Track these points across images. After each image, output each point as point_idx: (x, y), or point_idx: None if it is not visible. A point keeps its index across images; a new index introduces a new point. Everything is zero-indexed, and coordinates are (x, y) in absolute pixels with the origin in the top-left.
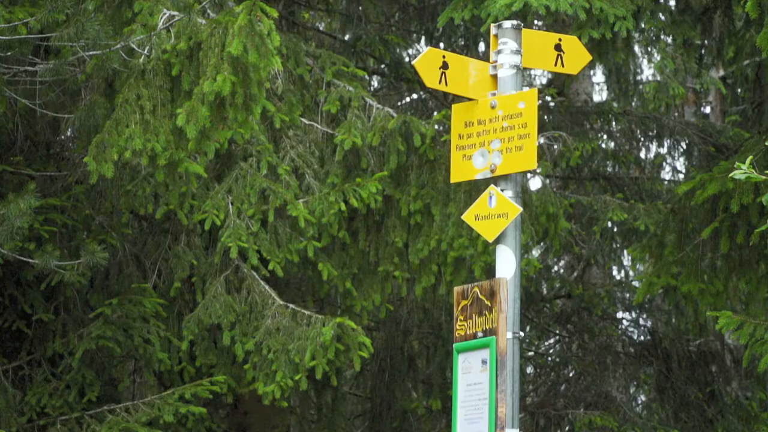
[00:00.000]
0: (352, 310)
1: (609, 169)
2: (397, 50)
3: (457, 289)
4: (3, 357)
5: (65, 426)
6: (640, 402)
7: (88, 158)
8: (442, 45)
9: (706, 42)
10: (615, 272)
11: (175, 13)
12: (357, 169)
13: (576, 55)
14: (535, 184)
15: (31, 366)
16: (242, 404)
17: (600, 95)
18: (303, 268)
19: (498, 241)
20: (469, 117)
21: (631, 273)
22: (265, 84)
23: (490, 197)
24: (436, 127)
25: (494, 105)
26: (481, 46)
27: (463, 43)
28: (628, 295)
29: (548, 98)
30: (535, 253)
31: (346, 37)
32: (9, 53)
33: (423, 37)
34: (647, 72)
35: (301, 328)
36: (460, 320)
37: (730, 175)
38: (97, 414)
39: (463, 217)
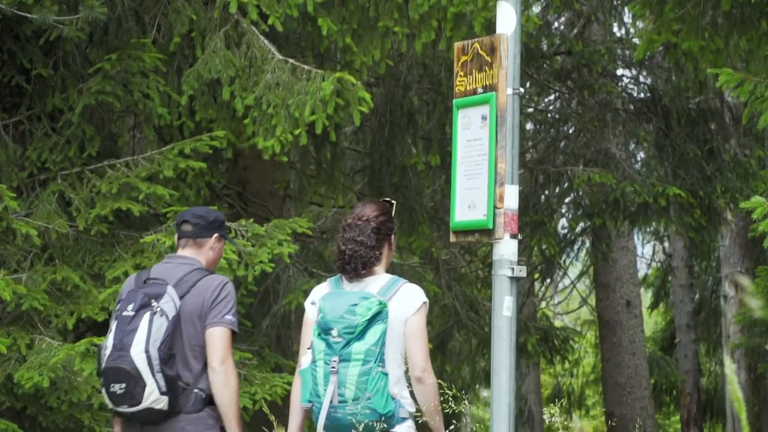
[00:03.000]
0: (351, 66)
1: None
2: None
3: (457, 44)
4: (3, 112)
5: (66, 181)
6: (639, 159)
7: None
8: None
9: None
10: (615, 29)
11: None
12: None
13: None
14: None
15: (31, 121)
16: (242, 159)
17: None
18: (302, 23)
19: None
20: None
21: (631, 30)
22: None
23: None
24: None
25: None
26: None
27: None
28: (628, 52)
29: None
30: (536, 9)
31: None
32: None
33: None
34: None
35: (300, 82)
36: (460, 76)
37: None
38: (98, 169)
39: None
